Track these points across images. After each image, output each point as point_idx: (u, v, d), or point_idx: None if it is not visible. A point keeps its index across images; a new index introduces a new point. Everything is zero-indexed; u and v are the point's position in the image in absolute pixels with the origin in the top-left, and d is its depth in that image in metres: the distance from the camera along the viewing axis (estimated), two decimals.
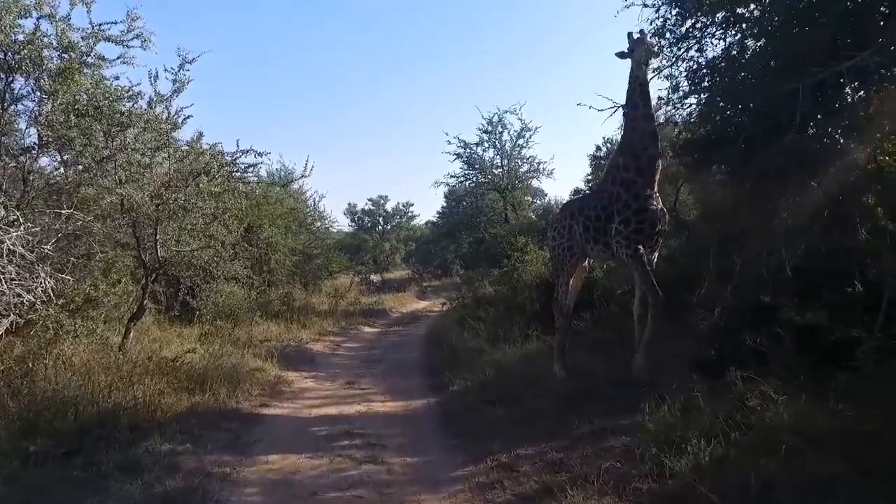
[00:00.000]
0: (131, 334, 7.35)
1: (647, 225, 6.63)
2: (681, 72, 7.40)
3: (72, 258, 6.70)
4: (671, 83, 7.10)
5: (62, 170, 8.10)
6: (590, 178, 28.22)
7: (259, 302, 12.56)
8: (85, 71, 7.28)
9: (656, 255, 6.92)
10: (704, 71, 7.20)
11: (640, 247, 6.61)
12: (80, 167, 6.83)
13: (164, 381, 6.84)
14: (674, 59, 7.45)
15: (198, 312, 10.51)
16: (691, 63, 7.39)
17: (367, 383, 8.98)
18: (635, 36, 6.78)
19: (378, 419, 7.01)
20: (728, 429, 4.39)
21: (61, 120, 7.02)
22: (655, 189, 6.69)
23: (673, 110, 7.45)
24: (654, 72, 7.01)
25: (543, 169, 20.51)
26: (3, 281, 5.60)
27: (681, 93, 7.17)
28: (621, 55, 6.79)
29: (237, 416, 6.75)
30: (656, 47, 7.03)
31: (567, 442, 5.53)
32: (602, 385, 6.82)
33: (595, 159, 31.61)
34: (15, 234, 5.73)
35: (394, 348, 12.56)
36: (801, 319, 5.41)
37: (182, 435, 5.86)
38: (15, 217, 5.56)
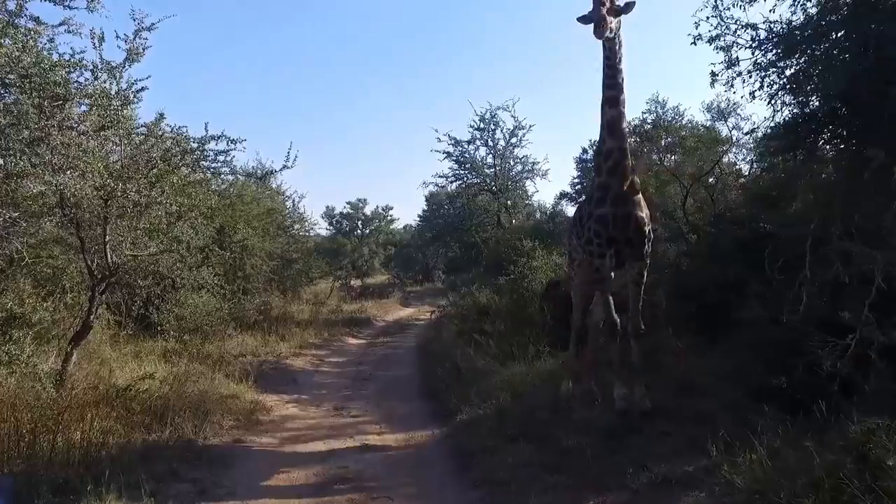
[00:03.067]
0: (73, 358, 5.99)
1: (607, 230, 5.91)
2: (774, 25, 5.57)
3: None
4: (754, 42, 5.55)
5: None
6: (576, 181, 27.28)
7: (232, 312, 11.20)
8: (13, 34, 5.91)
9: (640, 266, 6.11)
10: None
11: (604, 257, 6.03)
12: (6, 152, 5.46)
13: (113, 417, 5.53)
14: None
15: (159, 328, 9.14)
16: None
17: (358, 409, 7.75)
18: None
19: (376, 458, 5.80)
20: (861, 495, 3.30)
21: None
22: (624, 188, 5.80)
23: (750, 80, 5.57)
24: (711, 41, 5.81)
25: (538, 169, 19.45)
26: None
27: (773, 55, 5.48)
28: (584, 19, 5.54)
29: (204, 458, 5.47)
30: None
31: (623, 498, 4.41)
32: (645, 417, 5.76)
33: (581, 162, 30.82)
34: None
35: (384, 364, 11.32)
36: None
37: (130, 490, 4.58)
38: None
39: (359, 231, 35.38)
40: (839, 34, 5.13)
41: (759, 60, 5.63)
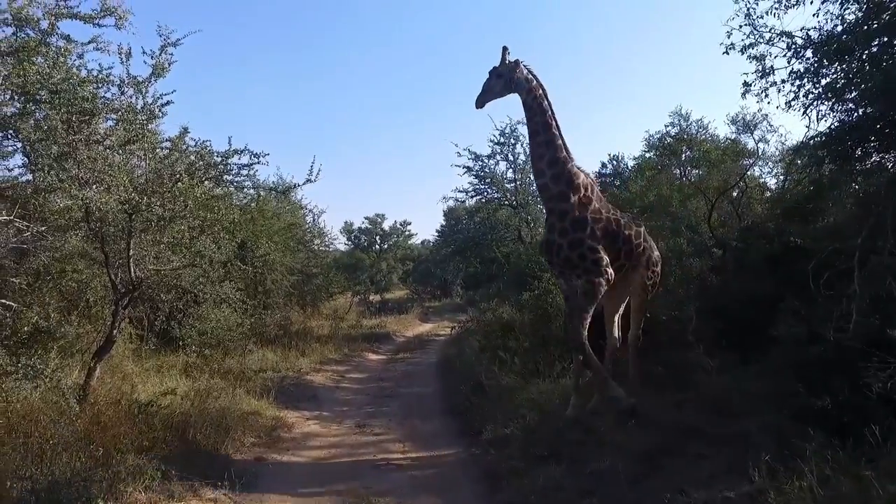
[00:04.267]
0: (96, 373, 5.94)
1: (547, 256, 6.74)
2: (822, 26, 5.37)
3: (14, 279, 5.32)
4: (790, 50, 5.36)
5: (26, 173, 6.82)
6: None
7: (253, 327, 11.14)
8: (45, 52, 6.00)
9: (578, 283, 6.48)
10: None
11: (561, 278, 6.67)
12: (36, 166, 5.49)
13: (135, 433, 5.43)
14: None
15: (181, 342, 9.09)
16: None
17: (380, 426, 7.58)
18: (508, 55, 6.50)
19: (401, 478, 5.63)
20: None
21: (14, 111, 5.76)
22: (555, 218, 6.48)
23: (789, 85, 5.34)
24: (744, 51, 5.65)
25: None
26: None
27: (810, 63, 5.27)
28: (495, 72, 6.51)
29: (226, 476, 5.32)
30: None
31: None
32: (677, 437, 5.51)
33: (601, 177, 30.57)
34: None
35: (405, 380, 11.15)
36: None
37: None
38: None
39: (377, 246, 35.48)
40: (883, 39, 4.95)
41: (795, 69, 5.45)
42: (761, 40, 5.61)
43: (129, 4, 6.34)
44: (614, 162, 27.46)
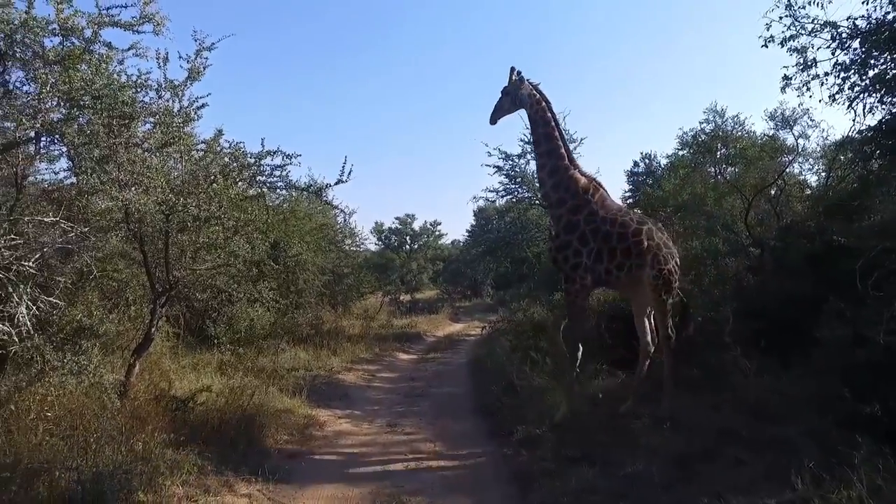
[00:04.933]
0: (135, 369, 6.10)
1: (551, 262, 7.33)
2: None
3: (60, 278, 5.50)
4: (834, 41, 5.13)
5: (71, 176, 7.07)
6: (628, 194, 26.51)
7: (285, 326, 11.30)
8: (90, 59, 6.20)
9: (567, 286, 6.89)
10: None
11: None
12: (79, 169, 5.67)
13: (172, 428, 5.57)
14: None
15: (215, 340, 9.27)
16: None
17: (411, 426, 7.59)
18: (515, 75, 7.08)
19: (432, 478, 5.62)
20: None
21: (60, 116, 5.97)
22: (554, 224, 7.00)
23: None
24: (784, 43, 5.47)
25: None
26: None
27: (857, 54, 5.04)
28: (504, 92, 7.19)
29: (259, 473, 5.41)
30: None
31: None
32: (714, 441, 5.38)
33: (633, 175, 30.01)
34: None
35: (436, 380, 11.15)
36: None
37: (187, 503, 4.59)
38: None
39: (407, 246, 35.64)
40: None
41: (840, 60, 5.24)
42: (803, 32, 5.41)
43: (165, 11, 6.52)
44: (647, 160, 26.92)
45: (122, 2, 6.48)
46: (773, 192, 12.38)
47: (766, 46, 5.70)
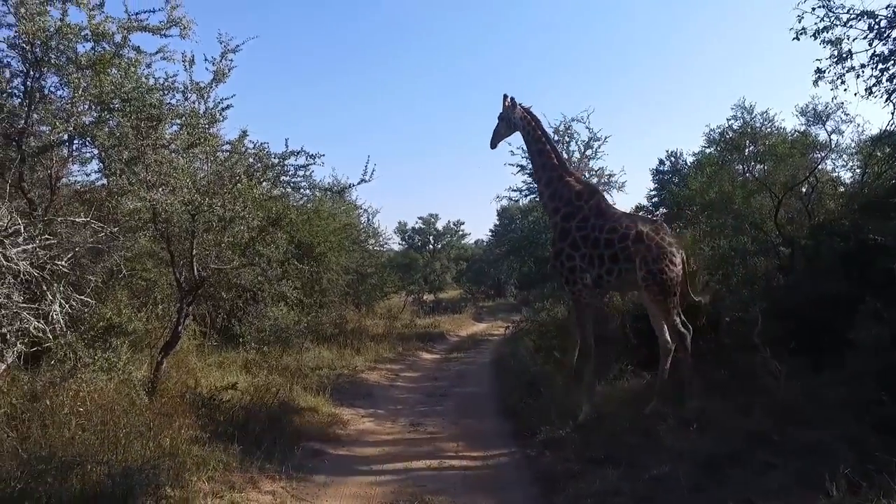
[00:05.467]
0: (163, 367, 6.23)
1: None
2: None
3: (91, 277, 5.64)
4: (871, 31, 4.93)
5: (101, 178, 7.26)
6: (653, 193, 26.07)
7: (309, 325, 11.41)
8: (119, 63, 6.35)
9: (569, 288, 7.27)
10: None
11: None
12: (109, 171, 5.83)
13: (198, 425, 5.66)
14: None
15: (241, 339, 9.40)
16: None
17: (434, 425, 7.59)
18: (508, 100, 7.66)
19: (455, 479, 5.60)
20: None
21: (91, 119, 6.14)
22: (552, 231, 7.52)
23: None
24: (817, 35, 5.30)
25: (614, 182, 18.67)
26: (11, 303, 4.57)
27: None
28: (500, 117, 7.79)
29: (282, 471, 5.47)
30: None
31: None
32: (743, 444, 5.25)
33: (658, 174, 29.54)
34: (22, 247, 4.70)
35: (459, 380, 11.14)
36: None
37: (212, 499, 4.64)
38: (15, 227, 4.50)
39: (431, 246, 35.67)
40: None
41: (877, 51, 5.06)
42: (837, 23, 5.23)
43: (192, 15, 6.64)
44: (672, 158, 26.48)
45: (150, 6, 6.65)
46: (804, 189, 12.06)
47: (798, 39, 5.53)
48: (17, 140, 6.21)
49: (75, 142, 6.39)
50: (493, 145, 8.00)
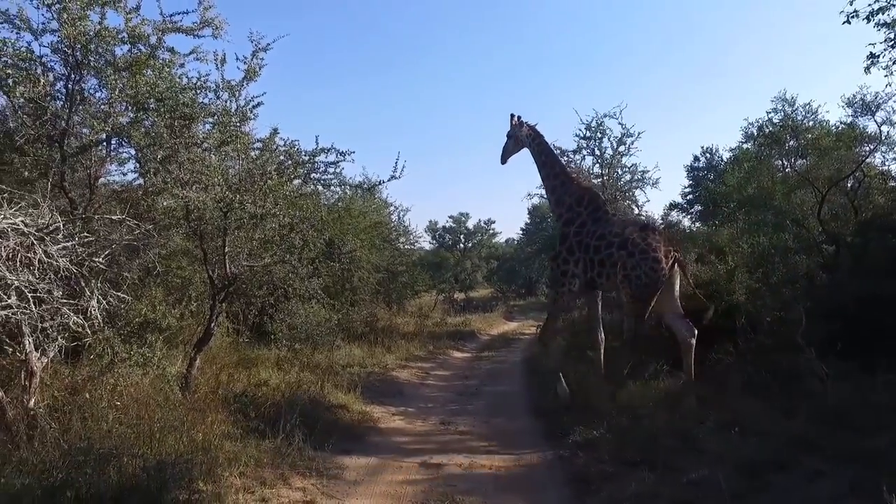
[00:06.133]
0: (196, 363, 6.31)
1: None
2: None
3: (127, 273, 5.75)
4: None
5: (138, 178, 7.43)
6: (687, 190, 25.44)
7: (340, 323, 11.47)
8: (153, 64, 6.47)
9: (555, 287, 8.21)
10: None
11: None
12: (144, 170, 5.94)
13: (230, 421, 5.71)
14: None
15: (272, 336, 9.50)
16: None
17: (465, 424, 7.52)
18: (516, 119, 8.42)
19: (486, 480, 5.52)
20: None
21: (128, 119, 6.27)
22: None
23: None
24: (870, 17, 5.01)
25: (648, 178, 18.24)
26: (52, 298, 4.67)
27: None
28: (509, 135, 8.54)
29: (313, 468, 5.48)
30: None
31: None
32: (788, 450, 5.02)
33: (693, 170, 28.85)
34: (62, 244, 4.82)
35: (490, 378, 11.04)
36: None
37: (244, 495, 4.67)
38: (55, 225, 4.60)
39: (461, 245, 35.60)
40: None
41: None
42: (893, 3, 4.91)
43: (224, 15, 6.72)
44: (707, 155, 25.80)
45: (184, 8, 6.76)
46: (849, 184, 11.58)
47: (849, 22, 5.23)
48: (59, 141, 6.39)
49: (112, 142, 6.54)
50: (504, 161, 8.68)
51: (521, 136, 8.35)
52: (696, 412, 6.33)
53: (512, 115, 8.43)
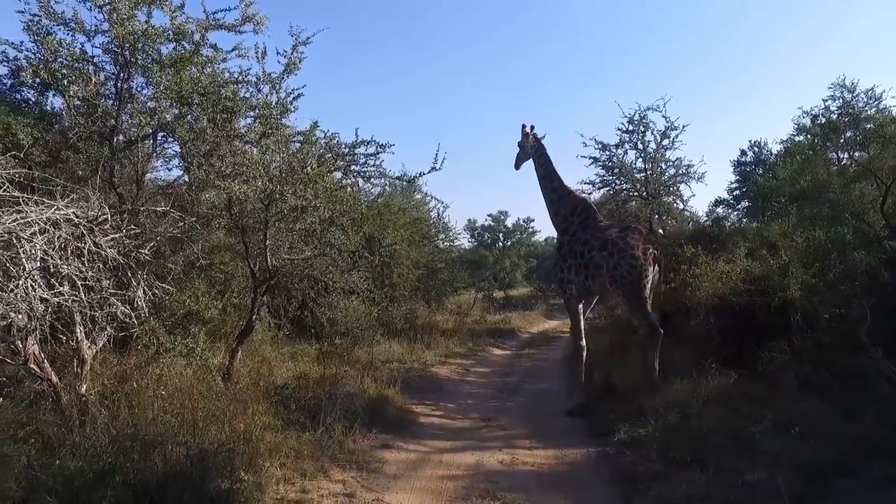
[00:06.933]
0: (238, 355, 6.38)
1: None
2: None
3: (171, 265, 5.85)
4: None
5: (182, 175, 7.60)
6: (734, 185, 24.54)
7: (380, 319, 11.48)
8: (197, 60, 6.59)
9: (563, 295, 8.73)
10: None
11: None
12: (188, 163, 6.05)
13: (271, 413, 5.75)
14: None
15: (313, 330, 9.57)
16: None
17: (506, 421, 7.39)
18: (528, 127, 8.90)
19: (528, 477, 5.39)
20: None
21: (173, 115, 6.41)
22: None
23: None
24: None
25: (693, 172, 17.62)
26: (101, 288, 4.79)
27: None
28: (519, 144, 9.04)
29: (353, 461, 5.46)
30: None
31: None
32: (854, 454, 4.71)
33: (740, 165, 27.83)
34: (111, 236, 4.93)
35: (530, 376, 10.86)
36: None
37: (284, 486, 4.67)
38: (104, 216, 4.71)
39: (500, 243, 35.36)
40: None
41: None
42: None
43: (264, 10, 6.80)
44: (755, 148, 24.88)
45: (226, 5, 6.87)
46: None
47: None
48: (109, 138, 6.59)
49: (158, 137, 6.69)
50: (517, 167, 9.19)
51: (527, 148, 8.86)
52: (749, 411, 6.03)
53: (523, 126, 8.89)
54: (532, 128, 8.89)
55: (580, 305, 8.35)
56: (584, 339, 8.22)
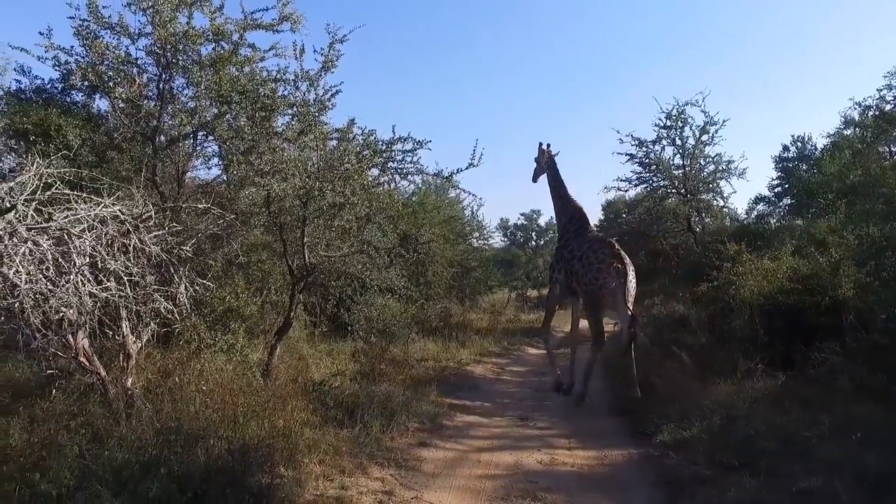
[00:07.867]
0: (277, 351, 6.44)
1: None
2: None
3: (212, 262, 5.94)
4: None
5: (221, 174, 7.74)
6: (775, 182, 23.73)
7: (415, 317, 11.49)
8: (236, 60, 6.70)
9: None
10: None
11: None
12: (228, 161, 6.14)
13: (310, 409, 5.77)
14: None
15: (350, 328, 9.62)
16: None
17: (544, 421, 7.27)
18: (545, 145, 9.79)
19: (568, 477, 5.27)
20: None
21: (213, 114, 6.53)
22: None
23: None
24: None
25: (734, 168, 17.12)
26: (145, 283, 4.89)
27: None
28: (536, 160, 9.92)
29: (391, 458, 5.43)
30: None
31: None
32: None
33: (781, 161, 26.93)
34: (154, 233, 5.03)
35: (566, 375, 10.64)
36: None
37: (323, 482, 4.68)
38: (148, 213, 4.80)
39: (533, 242, 35.09)
40: None
41: None
42: None
43: (302, 10, 6.86)
44: (798, 144, 24.06)
45: (264, 5, 6.96)
46: None
47: None
48: (151, 138, 6.74)
49: (198, 136, 6.82)
50: (534, 180, 10.01)
51: (542, 163, 9.75)
52: (800, 415, 5.77)
53: (539, 144, 9.81)
54: (549, 145, 9.78)
55: (565, 304, 9.82)
56: (550, 330, 9.95)
